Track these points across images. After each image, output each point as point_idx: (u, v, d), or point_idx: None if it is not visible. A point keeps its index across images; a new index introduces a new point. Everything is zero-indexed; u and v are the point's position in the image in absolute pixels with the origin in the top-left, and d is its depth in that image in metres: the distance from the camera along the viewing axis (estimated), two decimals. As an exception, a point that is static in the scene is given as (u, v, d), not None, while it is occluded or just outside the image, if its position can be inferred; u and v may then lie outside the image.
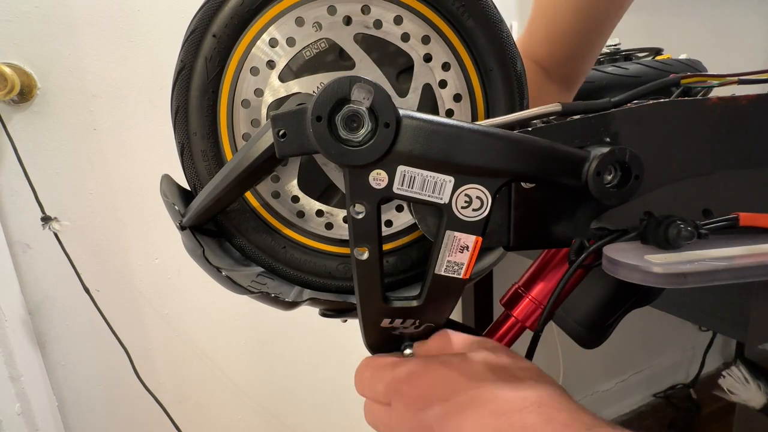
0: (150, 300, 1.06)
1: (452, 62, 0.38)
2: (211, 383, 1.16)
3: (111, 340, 1.00)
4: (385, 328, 0.37)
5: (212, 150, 0.39)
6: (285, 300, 0.38)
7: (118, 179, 0.98)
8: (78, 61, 0.91)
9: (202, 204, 0.37)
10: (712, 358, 1.82)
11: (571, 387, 1.57)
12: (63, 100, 0.92)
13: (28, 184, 0.90)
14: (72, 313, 1.00)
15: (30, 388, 0.95)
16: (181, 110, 0.38)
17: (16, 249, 0.94)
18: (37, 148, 0.92)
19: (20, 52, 0.87)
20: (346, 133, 0.30)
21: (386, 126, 0.30)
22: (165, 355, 1.10)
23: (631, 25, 1.29)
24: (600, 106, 0.36)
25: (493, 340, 0.38)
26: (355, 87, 0.30)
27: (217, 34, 0.37)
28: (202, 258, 0.36)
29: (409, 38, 0.38)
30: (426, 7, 0.37)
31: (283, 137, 0.31)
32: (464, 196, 0.32)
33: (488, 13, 0.37)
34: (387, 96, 0.30)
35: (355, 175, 0.31)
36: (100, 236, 0.99)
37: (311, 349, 1.22)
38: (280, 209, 0.41)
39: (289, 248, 0.41)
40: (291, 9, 0.37)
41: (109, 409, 1.08)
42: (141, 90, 0.96)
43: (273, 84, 0.38)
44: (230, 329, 1.14)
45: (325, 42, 0.38)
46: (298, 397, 1.25)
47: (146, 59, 0.95)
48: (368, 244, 0.33)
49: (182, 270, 1.07)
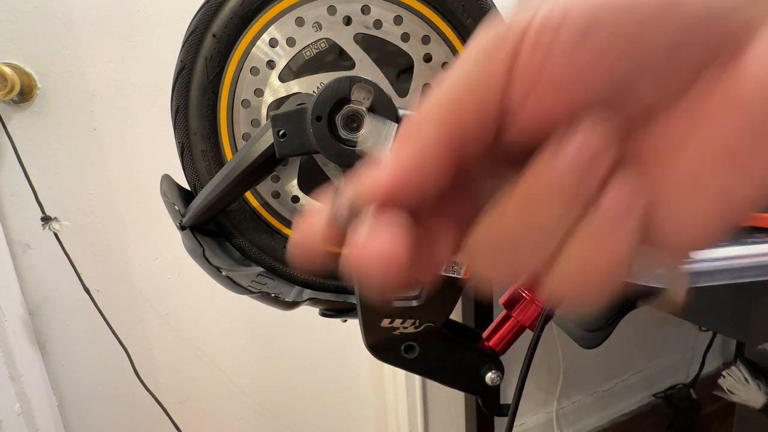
0: (150, 300, 1.06)
1: (452, 62, 0.38)
2: (211, 383, 1.16)
3: (111, 340, 1.00)
4: (385, 328, 0.37)
5: (212, 150, 0.39)
6: (285, 300, 0.38)
7: (118, 179, 0.98)
8: (78, 61, 0.91)
9: (202, 204, 0.37)
10: (712, 358, 1.82)
11: (571, 387, 1.57)
12: (63, 100, 0.92)
13: (28, 184, 0.90)
14: (72, 313, 1.00)
15: (30, 388, 0.95)
16: (181, 110, 0.38)
17: (16, 249, 0.94)
18: (37, 148, 0.92)
19: (20, 52, 0.87)
20: (346, 133, 0.31)
21: (386, 126, 0.30)
22: (165, 355, 1.10)
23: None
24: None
25: None
26: (355, 87, 0.30)
27: (217, 34, 0.37)
28: (202, 258, 0.36)
29: (409, 38, 0.38)
30: (426, 7, 0.37)
31: (283, 137, 0.31)
32: (464, 196, 0.32)
33: (488, 13, 0.37)
34: (387, 96, 0.30)
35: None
36: (100, 236, 0.99)
37: (311, 349, 1.22)
38: (280, 209, 0.41)
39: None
40: (291, 9, 0.37)
41: (109, 409, 1.08)
42: (141, 90, 0.96)
43: (273, 84, 0.38)
44: (230, 329, 1.14)
45: (325, 42, 0.38)
46: (298, 397, 1.25)
47: (146, 59, 0.95)
48: (368, 244, 0.33)
49: (182, 270, 1.07)
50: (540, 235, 0.17)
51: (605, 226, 0.16)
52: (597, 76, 0.15)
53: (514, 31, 0.15)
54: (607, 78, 0.15)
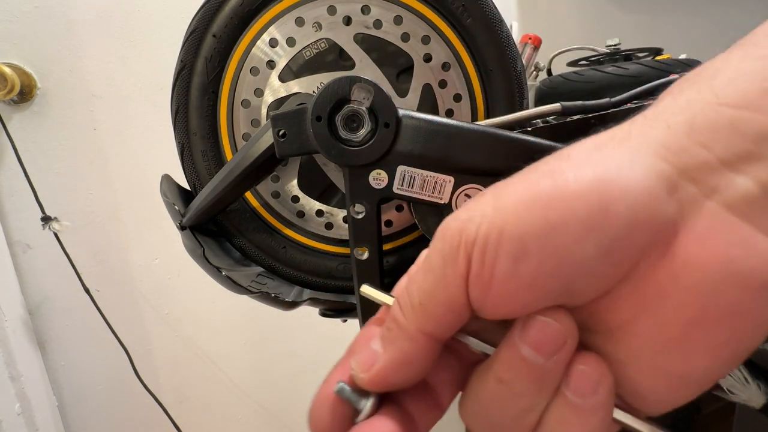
0: (150, 300, 1.06)
1: (452, 62, 0.38)
2: (211, 383, 1.16)
3: (111, 340, 1.00)
4: (385, 328, 0.37)
5: (212, 150, 0.39)
6: (285, 300, 0.38)
7: (118, 179, 0.98)
8: (78, 61, 0.91)
9: (202, 204, 0.37)
10: (712, 358, 1.82)
11: (571, 387, 1.57)
12: (63, 100, 0.92)
13: (28, 184, 0.90)
14: (72, 313, 1.00)
15: (30, 388, 0.95)
16: (181, 110, 0.38)
17: (16, 249, 0.94)
18: (37, 148, 0.92)
19: (20, 52, 0.87)
20: (346, 133, 0.31)
21: (386, 126, 0.30)
22: (165, 355, 1.10)
23: (631, 25, 1.30)
24: (599, 106, 0.36)
25: None
26: (355, 87, 0.30)
27: (217, 34, 0.37)
28: (202, 258, 0.36)
29: (409, 38, 0.38)
30: (426, 7, 0.37)
31: (283, 137, 0.32)
32: (464, 196, 0.32)
33: (488, 13, 0.37)
34: (387, 96, 0.30)
35: (355, 175, 0.31)
36: (100, 236, 0.99)
37: (311, 349, 1.22)
38: (280, 209, 0.41)
39: (289, 248, 0.41)
40: (291, 9, 0.37)
41: (109, 409, 1.08)
42: (141, 90, 0.96)
43: (273, 84, 0.38)
44: (230, 329, 1.14)
45: (325, 42, 0.38)
46: (298, 397, 1.25)
47: (146, 59, 0.95)
48: (368, 244, 0.33)
49: (182, 270, 1.07)
50: (516, 410, 0.19)
51: (576, 401, 0.18)
52: (537, 289, 0.17)
53: (464, 240, 0.18)
54: (545, 288, 0.17)
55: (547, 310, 0.18)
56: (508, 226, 0.17)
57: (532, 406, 0.19)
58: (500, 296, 0.18)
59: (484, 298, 0.18)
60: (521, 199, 0.18)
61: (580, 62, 0.72)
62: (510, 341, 0.19)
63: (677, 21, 1.40)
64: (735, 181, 0.17)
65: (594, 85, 0.63)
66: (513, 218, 0.17)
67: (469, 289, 0.18)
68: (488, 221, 0.18)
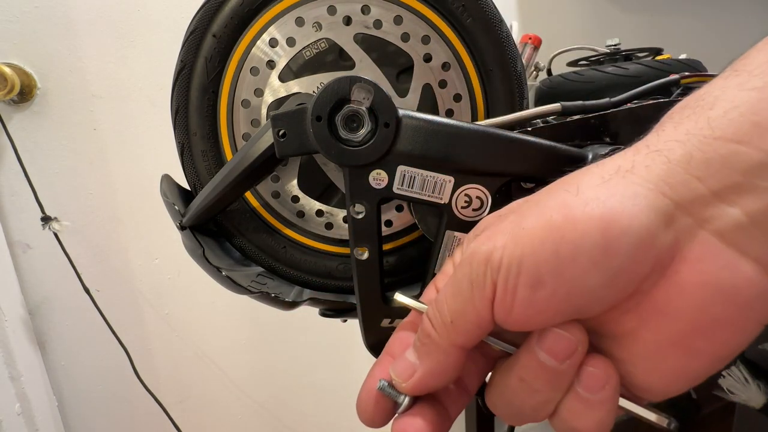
0: (150, 300, 1.06)
1: (452, 62, 0.38)
2: (211, 383, 1.16)
3: (111, 340, 1.00)
4: (386, 329, 0.37)
5: (212, 150, 0.39)
6: (285, 300, 0.38)
7: (118, 179, 0.98)
8: (78, 61, 0.91)
9: (202, 204, 0.37)
10: (712, 358, 1.82)
11: (571, 387, 1.57)
12: (63, 100, 0.92)
13: (28, 184, 0.90)
14: (72, 313, 1.00)
15: (30, 388, 0.95)
16: (181, 110, 0.38)
17: (16, 249, 0.94)
18: (37, 148, 0.92)
19: (20, 52, 0.87)
20: (346, 133, 0.31)
21: (386, 126, 0.30)
22: (165, 355, 1.10)
23: (631, 25, 1.30)
24: (599, 106, 0.36)
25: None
26: (355, 87, 0.30)
27: (217, 34, 0.37)
28: (202, 258, 0.36)
29: (409, 38, 0.38)
30: (426, 7, 0.37)
31: (283, 137, 0.32)
32: (464, 196, 0.32)
33: (488, 13, 0.37)
34: (387, 96, 0.30)
35: (355, 175, 0.31)
36: (100, 236, 0.99)
37: (311, 349, 1.22)
38: (280, 209, 0.41)
39: (289, 248, 0.41)
40: (291, 9, 0.37)
41: (109, 409, 1.08)
42: (141, 90, 0.96)
43: (273, 84, 0.38)
44: (230, 329, 1.14)
45: (325, 42, 0.38)
46: (298, 397, 1.25)
47: (146, 59, 0.95)
48: (368, 244, 0.33)
49: (182, 270, 1.07)
50: (534, 402, 0.23)
51: (586, 396, 0.22)
52: (551, 311, 0.21)
53: (490, 268, 0.21)
54: (558, 310, 0.21)
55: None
56: (526, 258, 0.21)
57: (549, 399, 0.23)
58: (521, 316, 0.21)
59: (507, 317, 0.22)
60: (536, 235, 0.21)
61: (580, 62, 0.72)
62: (529, 347, 0.22)
63: (677, 21, 1.40)
64: (726, 211, 0.19)
65: (594, 85, 0.63)
66: (530, 252, 0.21)
67: (494, 310, 0.22)
68: (509, 253, 0.21)
